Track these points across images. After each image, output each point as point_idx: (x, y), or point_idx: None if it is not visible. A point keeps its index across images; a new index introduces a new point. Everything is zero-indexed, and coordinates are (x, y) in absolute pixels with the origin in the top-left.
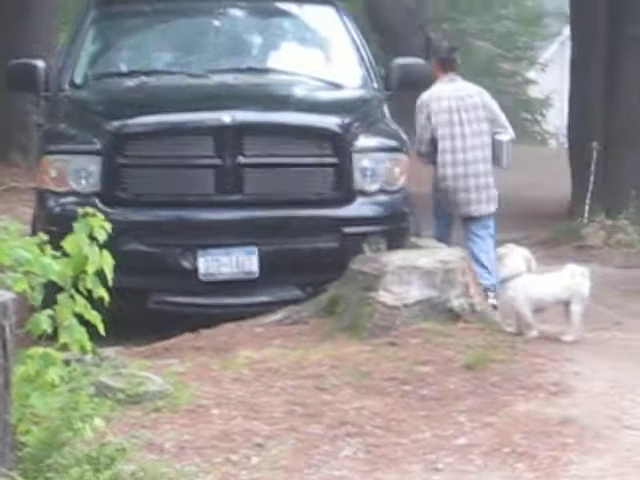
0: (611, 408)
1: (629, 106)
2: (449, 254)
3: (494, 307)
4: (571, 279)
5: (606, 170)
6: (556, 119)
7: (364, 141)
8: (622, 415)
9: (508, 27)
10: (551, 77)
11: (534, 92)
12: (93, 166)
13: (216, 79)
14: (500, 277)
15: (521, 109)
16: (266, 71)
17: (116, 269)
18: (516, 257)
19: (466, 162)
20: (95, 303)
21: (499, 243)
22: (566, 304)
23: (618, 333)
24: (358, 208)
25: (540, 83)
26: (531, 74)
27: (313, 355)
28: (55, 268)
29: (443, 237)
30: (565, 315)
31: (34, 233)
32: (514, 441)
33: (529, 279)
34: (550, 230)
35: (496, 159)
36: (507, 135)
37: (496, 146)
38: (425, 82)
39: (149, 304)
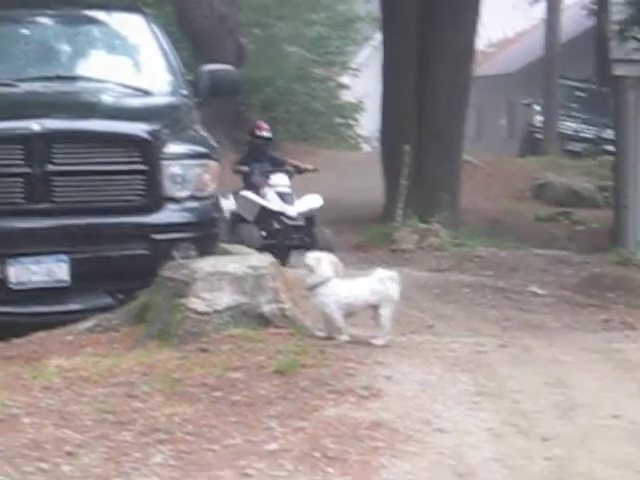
0: (422, 411)
1: (439, 111)
2: (259, 260)
3: None
4: (380, 283)
5: (419, 174)
6: (370, 124)
7: (173, 148)
8: (433, 418)
9: (319, 32)
10: (364, 81)
11: (347, 97)
12: None
13: (24, 87)
14: (309, 283)
15: (334, 114)
16: (74, 79)
17: None
18: (323, 263)
19: None
20: None
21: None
22: (375, 308)
23: (430, 336)
24: (167, 215)
25: (353, 87)
26: (344, 79)
27: (124, 363)
28: None
29: None
30: (375, 319)
31: None
32: (325, 445)
33: (338, 284)
34: (364, 234)
35: None
36: None
37: None
38: (234, 88)
39: None
